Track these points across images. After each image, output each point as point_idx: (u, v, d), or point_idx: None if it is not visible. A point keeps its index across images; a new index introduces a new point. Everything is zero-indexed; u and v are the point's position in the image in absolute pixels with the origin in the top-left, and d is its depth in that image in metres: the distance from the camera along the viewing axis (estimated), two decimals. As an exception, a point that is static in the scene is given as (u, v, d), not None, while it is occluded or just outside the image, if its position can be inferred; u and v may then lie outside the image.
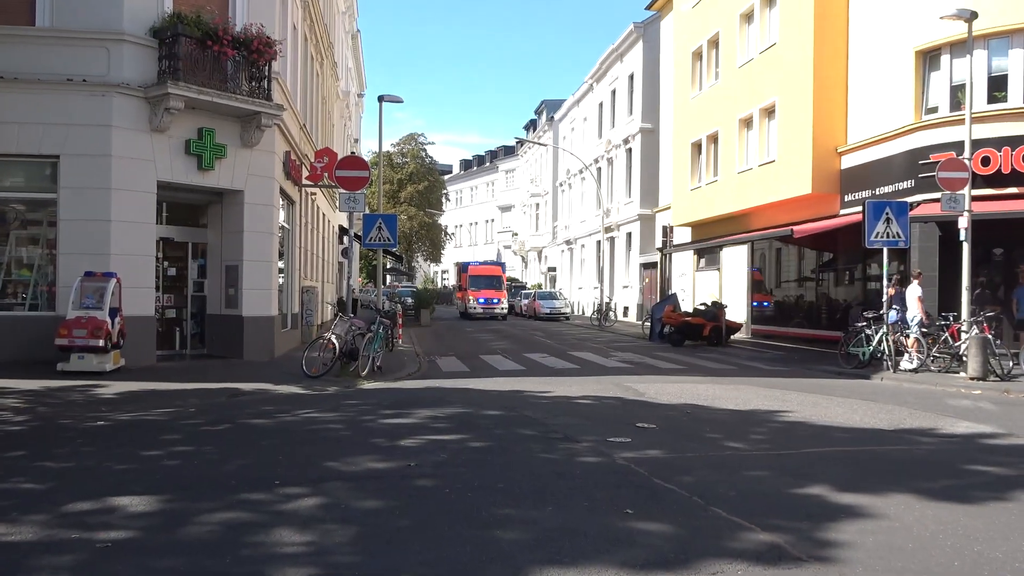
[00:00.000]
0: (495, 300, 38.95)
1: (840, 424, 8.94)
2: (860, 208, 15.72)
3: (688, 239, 29.48)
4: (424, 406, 9.80)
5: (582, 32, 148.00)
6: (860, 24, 19.81)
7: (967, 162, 14.82)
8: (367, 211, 23.22)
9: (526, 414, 9.23)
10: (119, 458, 6.71)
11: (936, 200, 15.51)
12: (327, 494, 5.51)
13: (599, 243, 39.08)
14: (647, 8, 34.53)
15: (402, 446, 7.28)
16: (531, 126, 65.24)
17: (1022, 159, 16.11)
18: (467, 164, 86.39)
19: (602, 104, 43.33)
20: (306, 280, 21.09)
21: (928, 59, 17.80)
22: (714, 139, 26.46)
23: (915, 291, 15.16)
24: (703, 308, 23.19)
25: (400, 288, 49.02)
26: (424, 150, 61.10)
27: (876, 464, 6.89)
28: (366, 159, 22.82)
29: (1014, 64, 16.52)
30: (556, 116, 54.64)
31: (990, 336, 13.51)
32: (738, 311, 24.77)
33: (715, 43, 26.42)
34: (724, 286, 27.26)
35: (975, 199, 15.04)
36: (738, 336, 23.59)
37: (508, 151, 73.83)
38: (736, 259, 26.50)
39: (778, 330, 23.67)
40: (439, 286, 73.78)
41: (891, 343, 14.56)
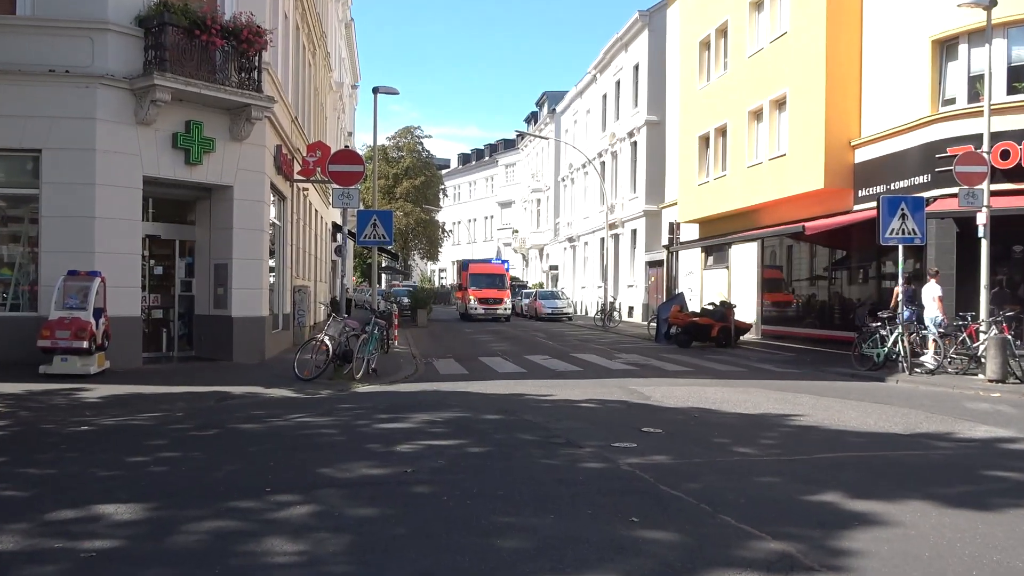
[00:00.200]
0: (497, 301, 38.39)
1: (854, 428, 8.94)
2: (874, 204, 15.72)
3: (695, 236, 29.48)
4: (421, 410, 9.81)
5: (585, 21, 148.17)
6: (874, 12, 19.80)
7: (986, 156, 14.81)
8: (361, 207, 23.26)
9: (527, 418, 9.24)
10: (104, 464, 6.71)
11: (953, 195, 15.51)
12: (320, 502, 5.52)
13: (603, 240, 39.10)
14: (653, -5, 34.59)
15: (398, 452, 7.28)
16: (532, 119, 65.29)
17: (1043, 152, 16.11)
18: (465, 158, 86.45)
19: (606, 96, 43.33)
20: (298, 279, 21.10)
21: (945, 48, 17.79)
22: (722, 132, 26.45)
23: (933, 290, 15.14)
24: (711, 308, 23.20)
25: (396, 288, 49.10)
26: (421, 144, 61.19)
27: (891, 470, 6.89)
28: (360, 153, 22.85)
29: (1035, 54, 16.52)
30: (558, 108, 54.65)
31: (1010, 337, 13.52)
32: (747, 311, 24.77)
33: (723, 32, 26.41)
34: (733, 285, 27.27)
35: (994, 194, 15.02)
36: (747, 337, 23.59)
37: (508, 145, 73.88)
38: (745, 257, 26.51)
39: (789, 331, 23.67)
40: (437, 285, 73.85)
41: (907, 344, 14.56)
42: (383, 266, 45.69)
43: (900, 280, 15.17)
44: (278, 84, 17.39)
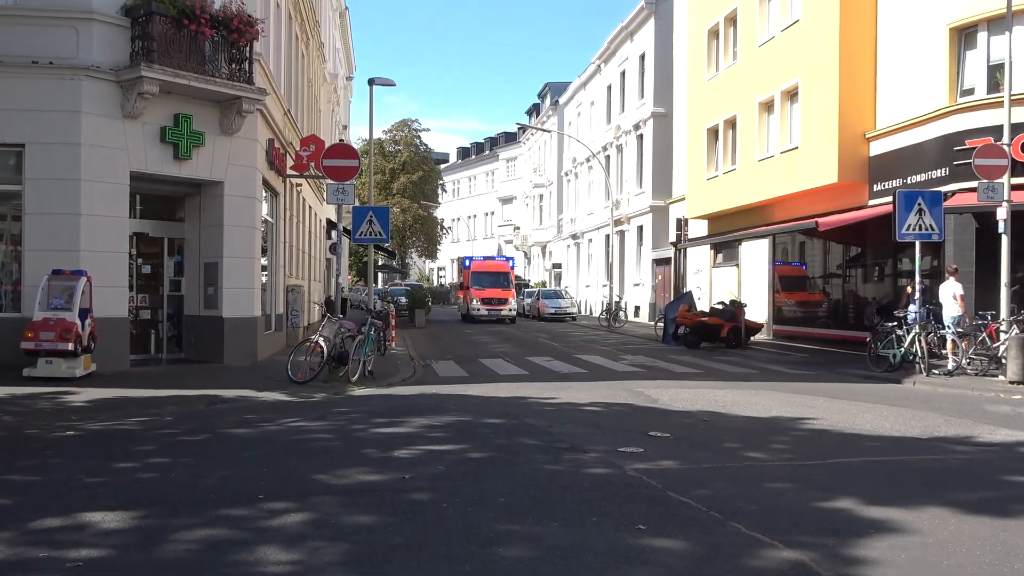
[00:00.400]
0: (502, 301, 37.00)
1: (869, 432, 8.94)
2: (890, 198, 15.72)
3: (704, 232, 29.49)
4: (419, 414, 9.82)
5: (589, 8, 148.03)
6: (890, -1, 19.80)
7: (1006, 148, 14.81)
8: (357, 203, 23.28)
9: (529, 422, 9.25)
10: (90, 471, 6.72)
11: (972, 189, 15.50)
12: (315, 509, 5.53)
13: (608, 237, 39.11)
14: (659, -18, 34.58)
15: (396, 457, 7.29)
16: (534, 111, 65.30)
17: (1066, 145, 16.09)
18: (465, 152, 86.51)
19: (611, 87, 43.34)
20: (291, 278, 21.12)
21: (963, 36, 17.77)
22: (732, 124, 26.45)
23: (953, 288, 15.08)
24: (720, 307, 23.21)
25: (395, 287, 49.12)
26: (418, 137, 61.30)
27: (908, 475, 6.89)
28: (356, 147, 22.85)
29: (1057, 42, 16.49)
30: (561, 100, 54.68)
31: (1031, 336, 13.49)
32: (758, 310, 24.77)
33: (733, 20, 26.41)
34: (743, 283, 27.28)
35: (1014, 188, 15.02)
36: (758, 337, 23.60)
37: (509, 138, 73.90)
38: (756, 254, 26.52)
39: (802, 331, 23.68)
40: (435, 284, 73.94)
41: (924, 344, 14.55)
42: (380, 265, 45.78)
43: (917, 278, 15.15)
44: (270, 76, 17.40)
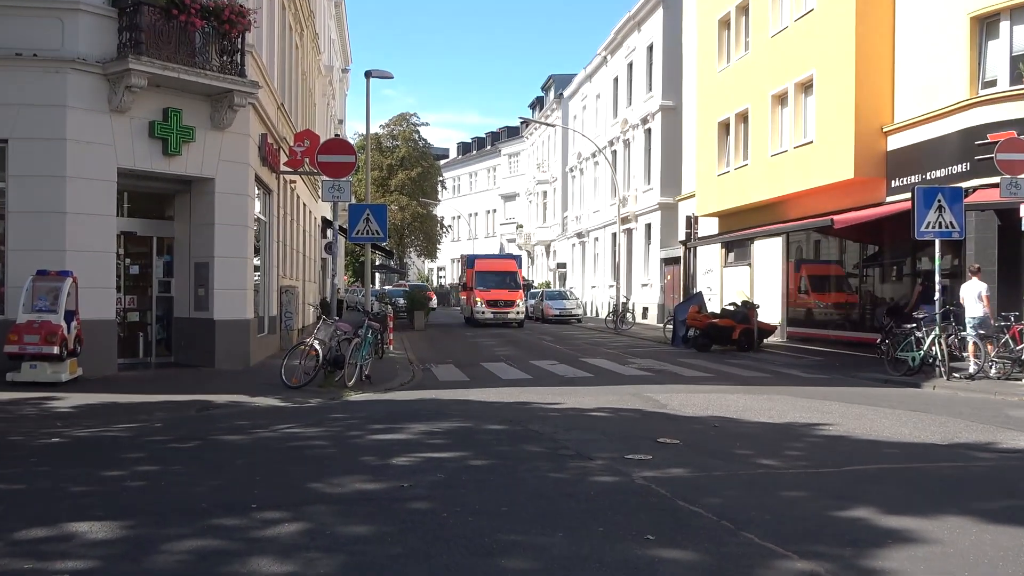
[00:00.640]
0: (509, 303, 35.52)
1: (887, 438, 8.94)
2: (909, 195, 15.69)
3: (715, 231, 29.48)
4: (418, 420, 9.83)
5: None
6: (908, -13, 19.77)
7: (1030, 142, 14.77)
8: (353, 201, 23.29)
9: (533, 428, 9.26)
10: (77, 479, 6.74)
11: (995, 185, 15.48)
12: (310, 519, 5.54)
13: (615, 236, 39.10)
14: (667, -30, 34.58)
15: (394, 465, 7.30)
16: (537, 104, 65.34)
17: (1092, 138, 16.06)
18: (465, 148, 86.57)
19: (617, 79, 43.34)
20: (285, 279, 21.15)
21: (985, 26, 17.75)
22: (744, 118, 26.44)
23: (978, 287, 14.96)
24: (732, 308, 23.19)
25: (393, 287, 49.17)
26: (417, 132, 61.32)
27: (927, 483, 6.89)
28: (352, 142, 22.88)
29: (1083, 31, 16.48)
30: (566, 93, 54.69)
31: (1057, 338, 13.48)
32: (772, 311, 24.76)
33: (744, 9, 26.39)
34: (756, 283, 27.27)
35: (1039, 184, 15.00)
36: (771, 340, 23.60)
37: (512, 132, 73.95)
38: (769, 253, 26.51)
39: (817, 333, 23.67)
40: (435, 284, 73.96)
41: (944, 347, 14.53)
42: (377, 265, 45.77)
43: (937, 277, 15.12)
44: (263, 68, 17.43)
